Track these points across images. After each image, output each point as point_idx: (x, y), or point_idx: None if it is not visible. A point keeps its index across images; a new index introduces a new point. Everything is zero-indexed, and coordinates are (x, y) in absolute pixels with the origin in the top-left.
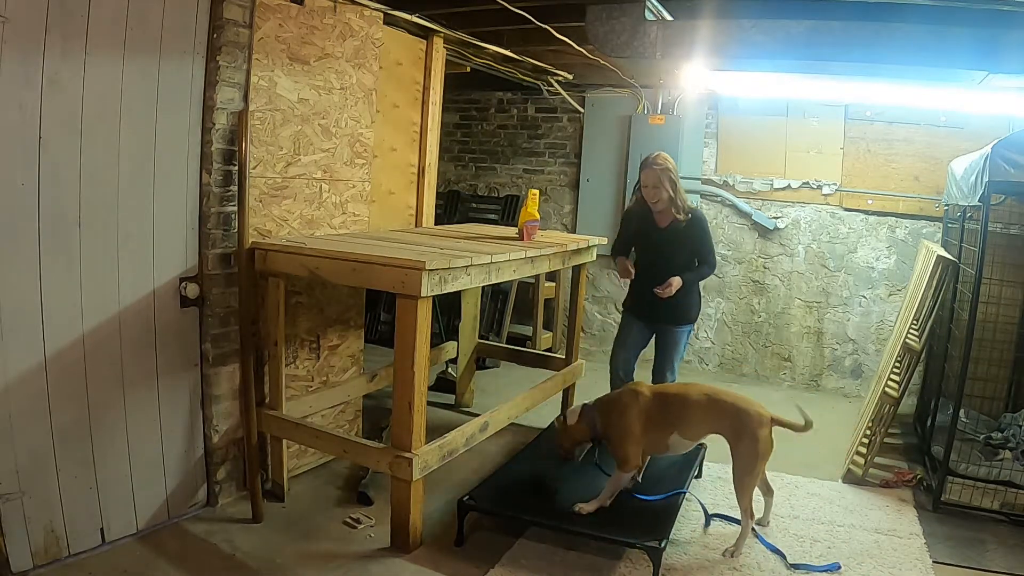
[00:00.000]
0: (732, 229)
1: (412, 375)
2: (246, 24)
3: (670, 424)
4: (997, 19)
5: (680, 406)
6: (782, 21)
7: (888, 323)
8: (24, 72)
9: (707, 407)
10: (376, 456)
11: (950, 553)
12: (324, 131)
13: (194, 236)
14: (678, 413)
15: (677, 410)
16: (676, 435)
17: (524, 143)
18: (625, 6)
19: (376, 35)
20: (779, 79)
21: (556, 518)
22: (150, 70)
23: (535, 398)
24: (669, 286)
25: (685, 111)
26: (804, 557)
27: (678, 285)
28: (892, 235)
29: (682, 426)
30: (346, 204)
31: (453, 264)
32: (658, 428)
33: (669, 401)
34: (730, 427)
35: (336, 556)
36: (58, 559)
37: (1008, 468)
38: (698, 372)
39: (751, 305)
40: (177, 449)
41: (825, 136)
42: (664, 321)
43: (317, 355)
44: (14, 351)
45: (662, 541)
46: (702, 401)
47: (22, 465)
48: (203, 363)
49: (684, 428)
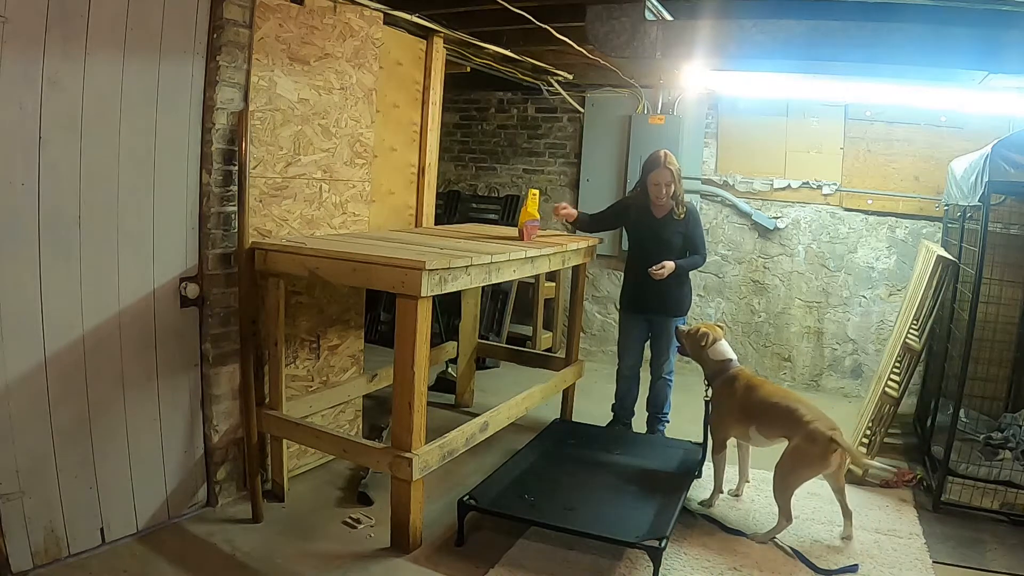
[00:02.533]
0: (732, 229)
1: (412, 375)
2: (246, 24)
3: (753, 417)
4: (997, 19)
5: (761, 401)
6: (782, 21)
7: (888, 323)
8: (24, 72)
9: (782, 408)
10: (376, 456)
11: (950, 553)
12: (324, 131)
13: (194, 236)
14: (759, 408)
15: (757, 404)
16: (754, 429)
17: (524, 143)
18: (625, 6)
19: (376, 35)
20: (779, 79)
21: (556, 518)
22: (150, 70)
23: (535, 398)
24: (663, 267)
25: (685, 111)
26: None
27: (671, 268)
28: (892, 235)
29: (759, 422)
30: (346, 204)
31: (453, 264)
32: (745, 418)
33: (754, 390)
34: (789, 434)
35: (336, 556)
36: (58, 559)
37: (1008, 468)
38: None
39: (751, 305)
40: (177, 449)
41: (825, 136)
42: (659, 312)
43: (317, 355)
44: (14, 351)
45: (662, 541)
46: (778, 401)
47: (22, 465)
48: (203, 363)
49: (761, 425)
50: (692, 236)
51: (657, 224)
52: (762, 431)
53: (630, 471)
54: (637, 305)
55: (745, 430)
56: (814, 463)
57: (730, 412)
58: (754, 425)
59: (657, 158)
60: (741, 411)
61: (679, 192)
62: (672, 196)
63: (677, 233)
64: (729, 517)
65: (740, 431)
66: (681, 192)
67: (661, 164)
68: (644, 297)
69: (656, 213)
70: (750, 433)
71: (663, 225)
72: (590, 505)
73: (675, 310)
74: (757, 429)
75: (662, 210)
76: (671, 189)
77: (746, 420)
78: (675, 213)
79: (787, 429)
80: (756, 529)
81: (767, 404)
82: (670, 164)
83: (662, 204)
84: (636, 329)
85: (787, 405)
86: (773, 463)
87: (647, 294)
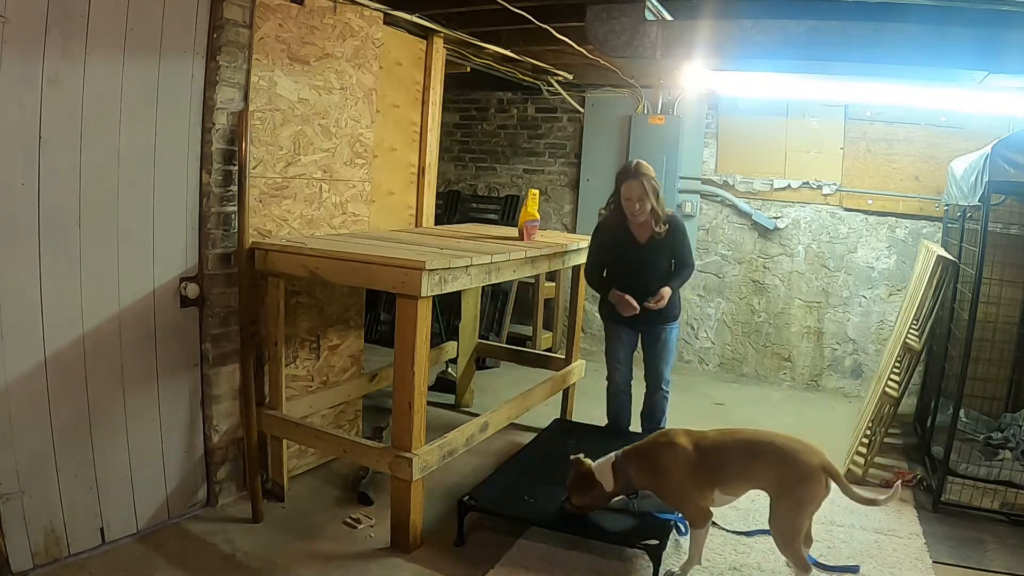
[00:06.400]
0: (732, 229)
1: (412, 375)
2: (246, 24)
3: (712, 480)
4: (997, 19)
5: (716, 457)
6: (782, 21)
7: (888, 323)
8: (24, 72)
9: (745, 456)
10: (376, 456)
11: (950, 553)
12: (324, 131)
13: (194, 236)
14: (717, 465)
15: (713, 462)
16: (719, 492)
17: (524, 143)
18: (625, 6)
19: (376, 35)
20: (779, 79)
21: (556, 518)
22: (150, 70)
23: (535, 398)
24: (661, 298)
25: (685, 111)
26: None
27: (668, 295)
28: (892, 235)
29: (722, 482)
30: (346, 204)
31: (453, 264)
32: (703, 483)
33: (706, 452)
34: (774, 480)
35: (336, 556)
36: (58, 559)
37: (1008, 468)
38: (698, 372)
39: (751, 305)
40: (177, 449)
41: (825, 136)
42: (649, 322)
43: (317, 355)
44: (14, 351)
45: (662, 541)
46: (739, 449)
47: (22, 465)
48: (203, 363)
49: (725, 484)
50: (679, 251)
51: (640, 251)
52: (728, 490)
53: None
54: (623, 319)
55: (708, 496)
56: (815, 498)
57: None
58: (716, 487)
59: (627, 167)
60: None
61: (660, 207)
62: (652, 212)
63: (665, 254)
64: (729, 517)
65: (702, 496)
66: (662, 206)
67: (631, 173)
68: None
69: (638, 236)
70: (714, 498)
71: (647, 251)
72: None
73: (668, 316)
74: (722, 491)
75: (644, 231)
76: (646, 204)
77: (706, 484)
78: (657, 234)
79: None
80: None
81: (723, 453)
82: (642, 171)
83: (642, 222)
84: (625, 337)
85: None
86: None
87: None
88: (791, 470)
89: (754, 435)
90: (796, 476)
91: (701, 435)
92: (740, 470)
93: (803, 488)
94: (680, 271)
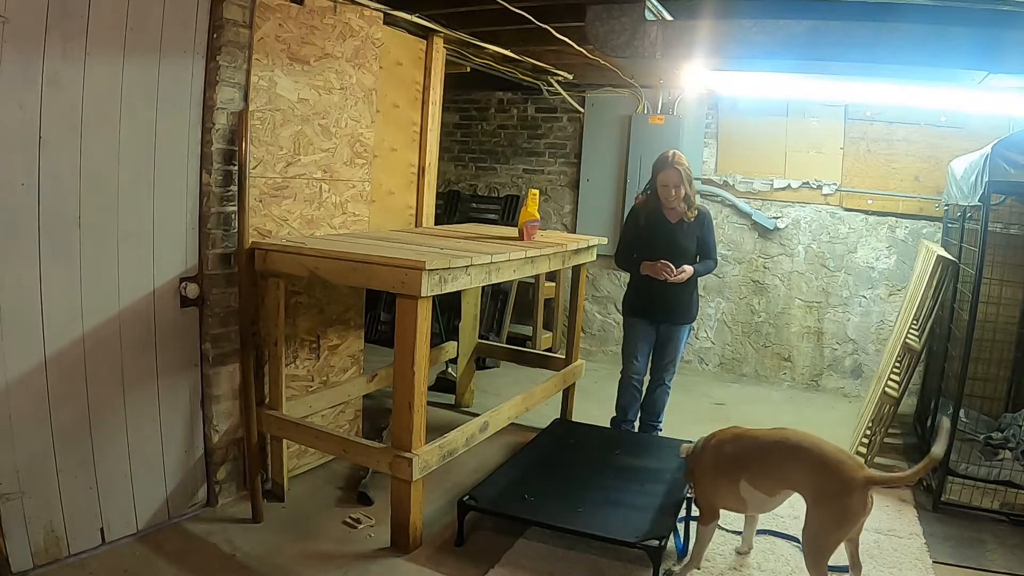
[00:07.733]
0: (732, 229)
1: (412, 375)
2: (246, 24)
3: (739, 468)
4: (997, 19)
5: (750, 449)
6: (782, 21)
7: (888, 323)
8: (24, 72)
9: (783, 455)
10: (376, 456)
11: (950, 553)
12: (324, 131)
13: (194, 236)
14: (747, 456)
15: (745, 453)
16: (745, 483)
17: (524, 143)
18: (625, 6)
19: (376, 35)
20: (779, 79)
21: (556, 518)
22: (150, 70)
23: (535, 398)
24: (683, 271)
25: (685, 111)
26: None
27: (690, 272)
28: (892, 235)
29: (751, 474)
30: (346, 204)
31: (453, 264)
32: (726, 474)
33: (743, 441)
34: (811, 487)
35: (336, 556)
36: (58, 559)
37: (1008, 468)
38: (698, 372)
39: (751, 305)
40: (177, 449)
41: (825, 136)
42: (668, 320)
43: (317, 355)
44: (14, 351)
45: (662, 541)
46: (779, 447)
47: (22, 465)
48: (203, 363)
49: (754, 477)
50: (705, 240)
51: (671, 229)
52: (759, 484)
53: (630, 471)
54: (645, 312)
55: (734, 489)
56: (852, 515)
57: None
58: (743, 478)
59: (665, 158)
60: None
61: (691, 194)
62: (684, 199)
63: (691, 237)
64: (730, 517)
65: (727, 493)
66: (693, 194)
67: (669, 164)
68: (652, 304)
69: (670, 217)
70: (741, 492)
71: (677, 229)
72: (590, 505)
73: (684, 317)
74: (748, 482)
75: (675, 214)
76: (680, 191)
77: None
78: (688, 217)
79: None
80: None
81: (757, 448)
82: (679, 163)
83: (675, 207)
84: (645, 334)
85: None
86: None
87: (656, 301)
88: (831, 480)
89: (801, 437)
90: (835, 488)
91: (747, 430)
92: (773, 466)
93: (840, 501)
94: (704, 261)
